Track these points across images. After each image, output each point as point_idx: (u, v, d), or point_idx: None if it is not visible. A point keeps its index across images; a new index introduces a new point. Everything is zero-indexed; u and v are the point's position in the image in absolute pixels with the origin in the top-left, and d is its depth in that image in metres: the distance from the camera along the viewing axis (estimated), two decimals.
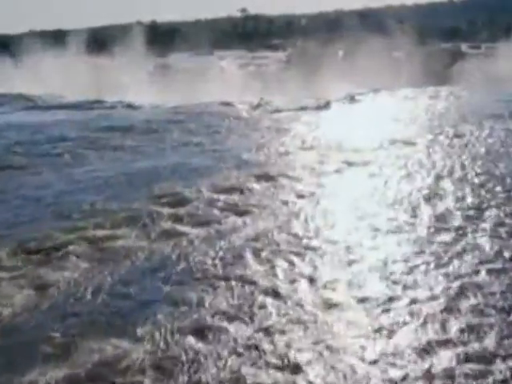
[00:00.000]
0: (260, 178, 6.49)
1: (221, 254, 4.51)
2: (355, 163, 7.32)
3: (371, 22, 35.41)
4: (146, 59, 29.67)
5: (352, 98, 14.09)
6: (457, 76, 21.85)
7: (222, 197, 5.84)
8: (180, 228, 5.03)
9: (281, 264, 4.22)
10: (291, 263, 4.25)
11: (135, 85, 20.82)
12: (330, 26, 39.70)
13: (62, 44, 31.90)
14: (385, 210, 5.39)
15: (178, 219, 5.22)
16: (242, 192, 6.03)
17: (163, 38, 40.16)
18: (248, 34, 41.12)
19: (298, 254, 4.40)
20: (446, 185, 6.18)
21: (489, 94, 15.15)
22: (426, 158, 7.50)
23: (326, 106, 12.63)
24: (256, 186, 6.26)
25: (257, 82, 20.57)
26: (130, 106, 13.13)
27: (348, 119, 11.04)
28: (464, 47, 32.25)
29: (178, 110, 11.93)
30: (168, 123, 10.19)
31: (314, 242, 4.60)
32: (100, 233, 5.01)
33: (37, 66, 26.07)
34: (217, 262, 4.36)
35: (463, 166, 7.00)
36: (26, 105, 16.38)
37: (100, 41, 35.70)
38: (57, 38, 34.47)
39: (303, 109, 12.09)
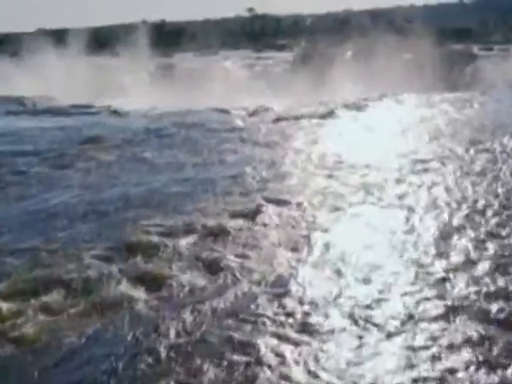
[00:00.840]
0: (250, 215, 5.17)
1: (183, 337, 3.25)
2: (369, 191, 6.03)
3: (381, 22, 34.09)
4: (149, 59, 28.49)
5: (361, 105, 12.83)
6: (471, 79, 20.52)
7: (199, 244, 4.56)
8: (135, 294, 3.76)
9: (266, 358, 2.98)
10: (280, 355, 3.01)
11: (132, 87, 19.66)
12: (338, 27, 38.40)
13: (65, 43, 30.72)
14: (405, 267, 4.09)
15: (135, 280, 3.93)
16: (226, 235, 4.73)
17: (169, 37, 38.97)
18: (255, 33, 39.80)
19: (289, 340, 3.15)
20: (479, 230, 4.87)
21: (509, 99, 13.87)
22: (454, 186, 6.17)
23: (333, 113, 11.35)
24: (244, 226, 4.97)
25: (259, 84, 19.31)
26: (118, 113, 11.90)
27: (358, 130, 9.76)
28: (476, 49, 30.79)
29: (167, 117, 10.70)
30: (153, 135, 8.96)
31: (312, 326, 3.31)
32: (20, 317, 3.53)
33: (35, 66, 24.91)
34: (176, 350, 3.12)
35: (496, 199, 5.72)
36: (14, 108, 15.27)
37: (103, 40, 34.55)
38: (60, 37, 33.24)
39: (307, 117, 10.81)
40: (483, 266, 4.05)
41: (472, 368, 2.84)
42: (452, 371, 2.81)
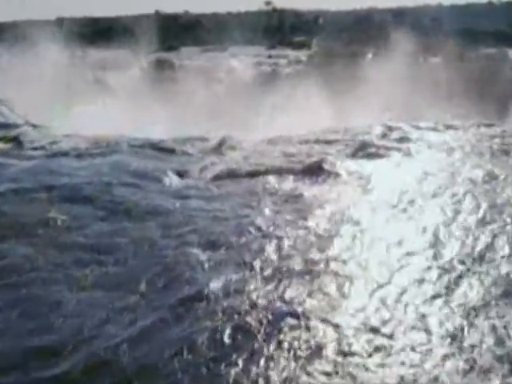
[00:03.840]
0: None
1: None
2: None
3: (406, 21, 29.16)
4: (149, 54, 24.01)
5: (383, 137, 8.15)
6: None
7: None
8: None
9: None
10: None
11: (103, 91, 15.12)
12: (361, 25, 33.45)
13: (67, 34, 26.03)
14: None
15: None
16: None
17: (180, 30, 34.39)
18: (271, 29, 34.97)
19: None
20: None
21: None
22: None
23: (337, 165, 6.64)
24: None
25: (257, 92, 14.66)
26: (17, 143, 7.43)
27: (378, 211, 5.07)
28: (511, 53, 25.65)
29: (66, 161, 6.22)
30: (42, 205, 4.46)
31: None
32: None
33: (24, 58, 20.44)
34: None
35: None
36: None
37: (107, 31, 30.08)
38: (64, 27, 28.64)
39: (284, 171, 6.14)
40: None
41: None
42: None
